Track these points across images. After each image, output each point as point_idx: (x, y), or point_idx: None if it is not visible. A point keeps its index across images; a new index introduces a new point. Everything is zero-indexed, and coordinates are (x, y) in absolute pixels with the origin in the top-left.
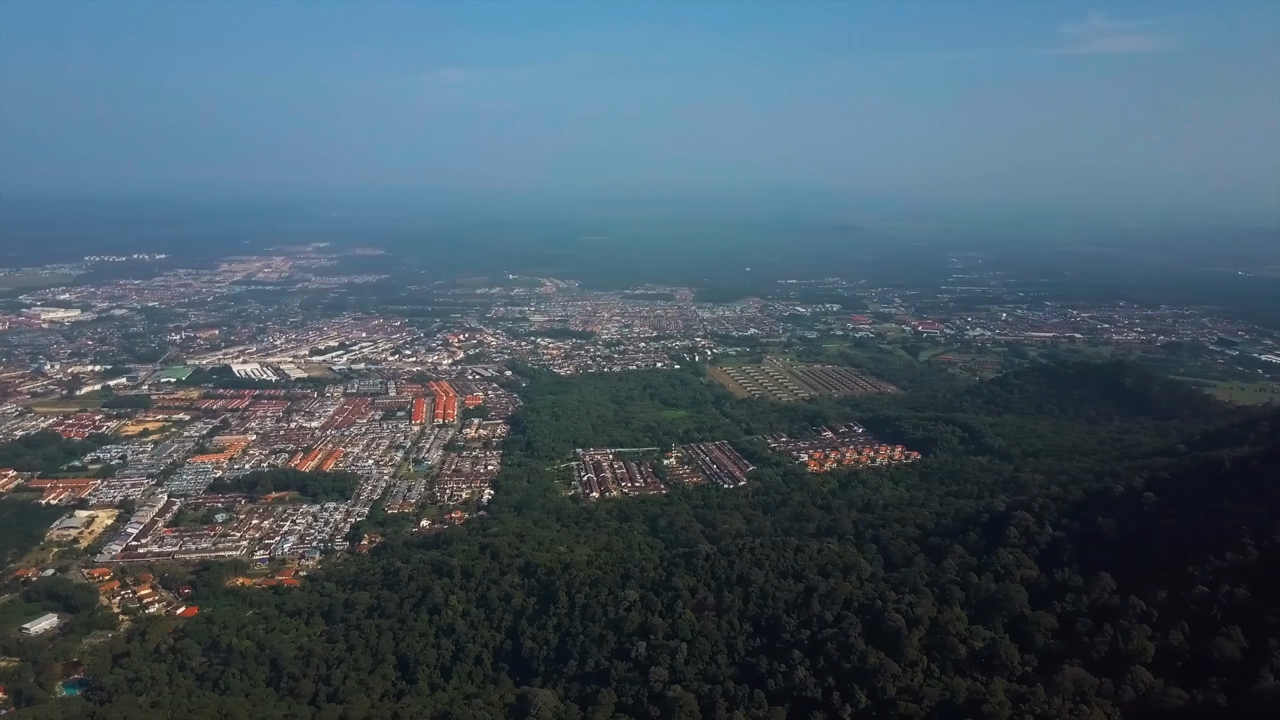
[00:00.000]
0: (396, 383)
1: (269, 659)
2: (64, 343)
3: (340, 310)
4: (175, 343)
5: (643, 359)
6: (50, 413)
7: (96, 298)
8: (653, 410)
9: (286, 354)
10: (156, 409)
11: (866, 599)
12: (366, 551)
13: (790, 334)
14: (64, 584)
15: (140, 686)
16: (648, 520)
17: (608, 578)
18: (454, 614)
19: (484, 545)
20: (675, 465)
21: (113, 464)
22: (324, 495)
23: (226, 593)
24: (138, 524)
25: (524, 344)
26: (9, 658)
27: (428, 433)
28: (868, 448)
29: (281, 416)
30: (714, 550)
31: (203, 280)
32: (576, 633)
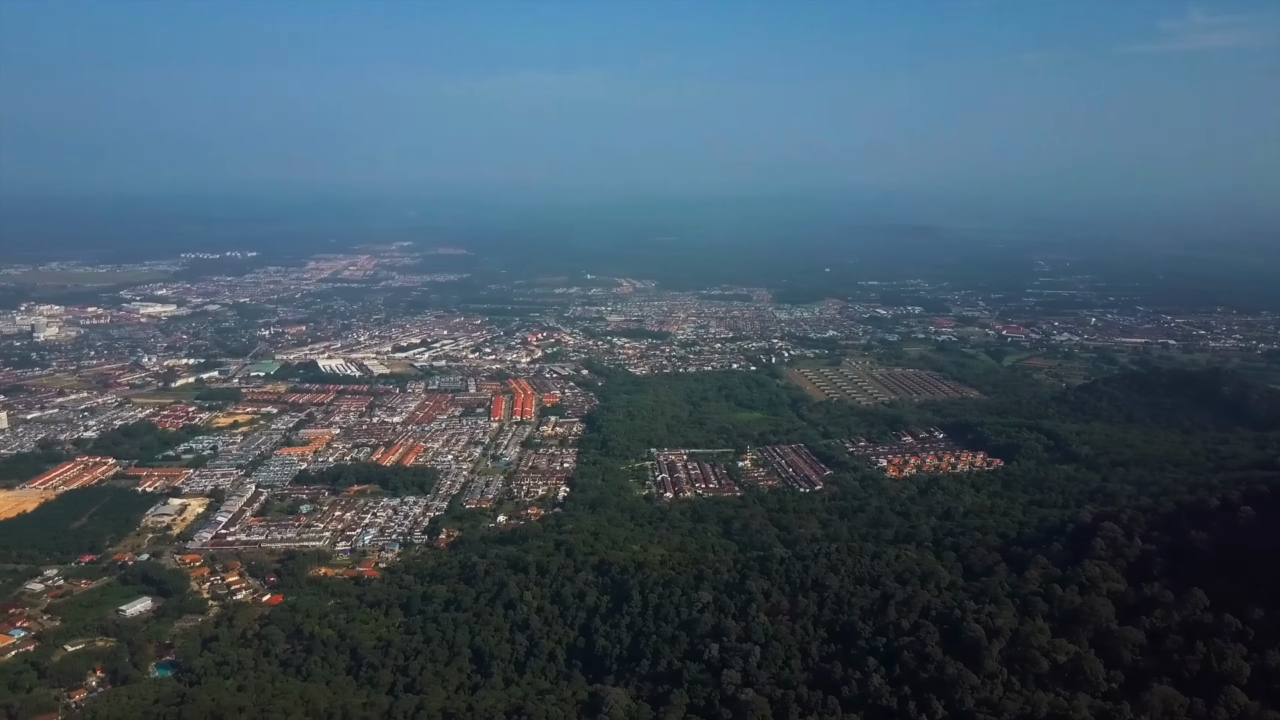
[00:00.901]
0: (476, 380)
1: (349, 648)
2: (161, 337)
3: (422, 308)
4: (264, 338)
5: (718, 360)
6: (147, 404)
7: (191, 294)
8: (728, 412)
9: (370, 350)
10: (246, 402)
11: (945, 608)
12: (444, 545)
13: (870, 336)
14: (158, 569)
15: (227, 670)
16: (722, 522)
17: (681, 578)
18: (529, 610)
19: (559, 542)
20: (750, 468)
21: (204, 454)
22: (404, 489)
23: (309, 582)
24: (227, 513)
25: (600, 343)
26: (106, 638)
27: (506, 430)
28: (948, 453)
29: (364, 411)
30: (789, 554)
31: (291, 277)
32: (649, 632)
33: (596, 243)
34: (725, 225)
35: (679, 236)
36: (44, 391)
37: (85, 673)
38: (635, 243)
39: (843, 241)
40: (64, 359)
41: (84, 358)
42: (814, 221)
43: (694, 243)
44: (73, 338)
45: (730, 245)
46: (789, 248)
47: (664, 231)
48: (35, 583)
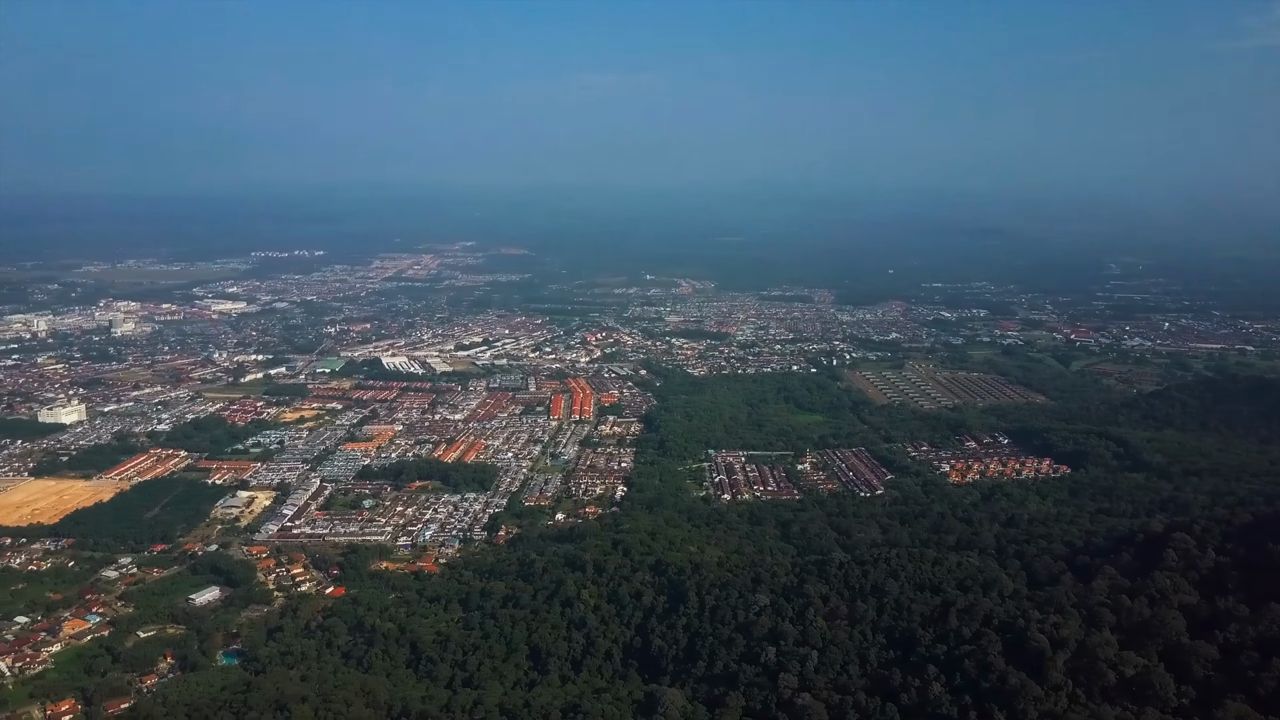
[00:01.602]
0: (536, 379)
1: (409, 642)
2: (231, 333)
3: (485, 307)
4: (330, 335)
5: (778, 361)
6: (217, 398)
7: (260, 291)
8: (787, 414)
9: (433, 348)
10: (312, 398)
11: (1008, 617)
12: (503, 542)
13: (933, 339)
14: (226, 559)
15: (291, 660)
16: (780, 525)
17: (738, 580)
18: (585, 608)
19: (616, 541)
20: (810, 471)
21: (271, 448)
22: (464, 486)
23: (371, 576)
24: (292, 506)
25: (659, 344)
26: (177, 625)
27: (565, 428)
28: (1013, 459)
29: (427, 408)
30: (848, 559)
31: (357, 276)
32: (706, 634)
33: (656, 243)
34: (786, 226)
35: (739, 237)
36: (120, 385)
37: (156, 659)
38: (695, 242)
39: (907, 243)
40: (139, 354)
41: (158, 353)
42: (876, 222)
43: (754, 243)
44: (148, 333)
45: (791, 246)
46: (851, 249)
47: (724, 232)
48: (110, 570)
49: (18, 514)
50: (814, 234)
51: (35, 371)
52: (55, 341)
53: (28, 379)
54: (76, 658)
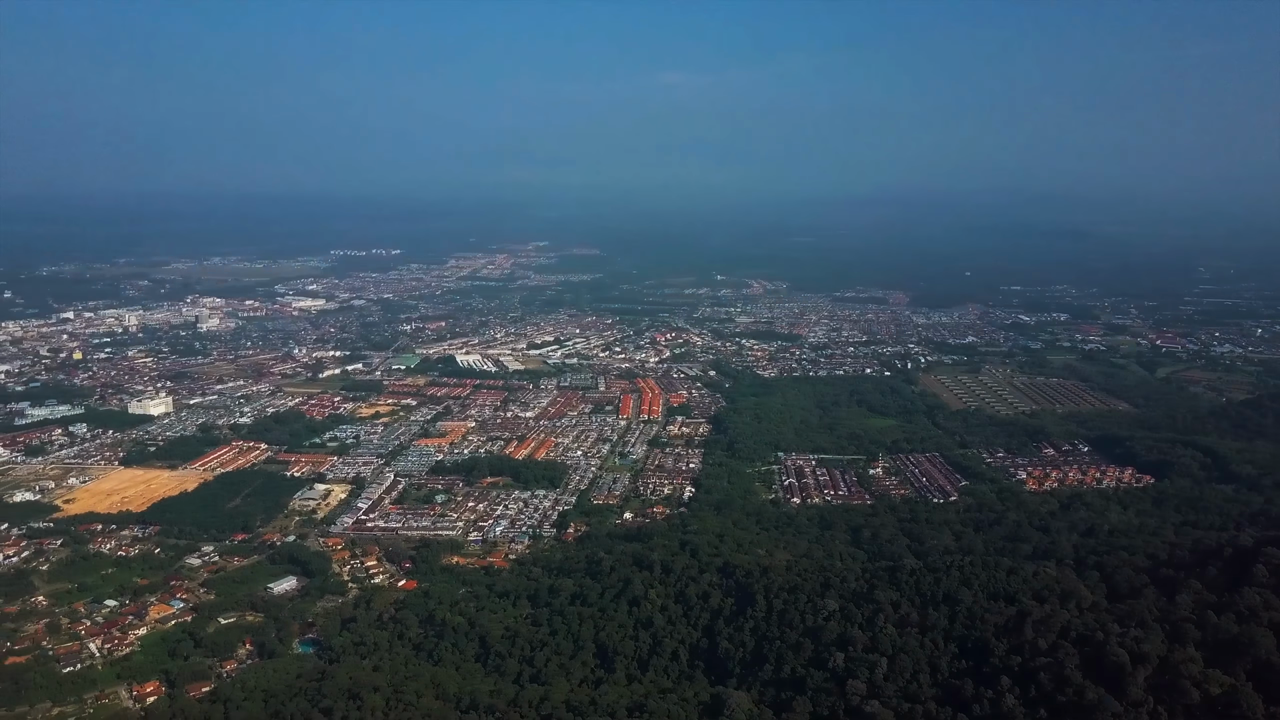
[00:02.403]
0: (606, 378)
1: (478, 636)
2: (310, 330)
3: (556, 307)
4: (406, 333)
5: (850, 364)
6: (297, 393)
7: (339, 289)
8: (859, 417)
9: (505, 347)
10: (387, 394)
11: (1086, 629)
12: (572, 540)
13: (1011, 343)
14: (303, 550)
15: (364, 650)
16: (850, 530)
17: (807, 585)
18: (653, 607)
19: (684, 542)
20: (881, 475)
21: (348, 443)
22: (534, 483)
23: (442, 570)
24: (367, 499)
25: (729, 345)
26: (255, 613)
27: (633, 428)
28: (1093, 468)
29: (499, 406)
30: (920, 565)
31: (433, 275)
32: (773, 637)
33: (728, 243)
34: (861, 227)
35: (812, 237)
36: (205, 379)
37: (236, 645)
38: (768, 243)
39: (985, 244)
40: (223, 349)
41: (241, 348)
42: (953, 224)
43: (828, 244)
44: (231, 329)
45: (866, 247)
46: (927, 250)
47: (797, 232)
48: (194, 558)
49: (108, 501)
50: (889, 235)
51: (126, 364)
52: (145, 336)
53: (119, 371)
54: (161, 641)
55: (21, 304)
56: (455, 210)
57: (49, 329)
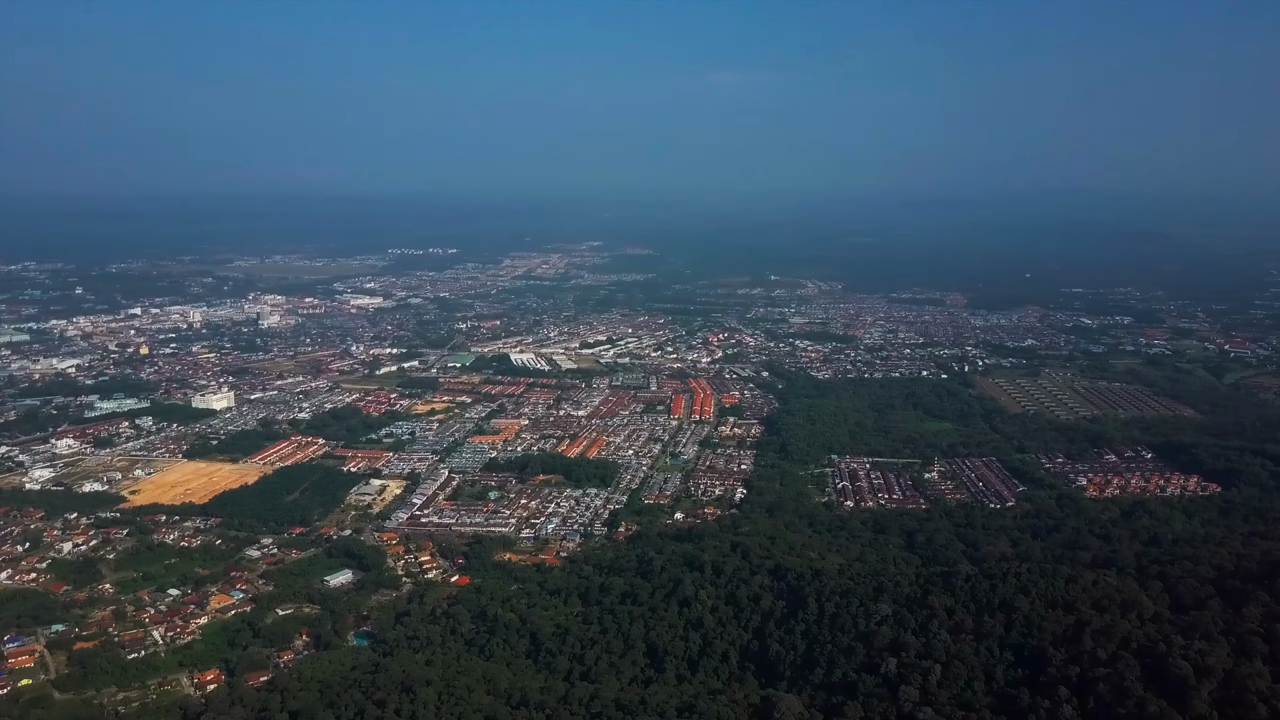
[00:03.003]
0: (658, 378)
1: (529, 632)
2: (368, 327)
3: (609, 306)
4: (461, 331)
5: (906, 366)
6: (354, 389)
7: (396, 287)
8: (915, 420)
9: (558, 346)
10: (443, 391)
11: (1148, 640)
12: (623, 539)
13: (1072, 347)
14: (358, 544)
15: (417, 644)
16: (904, 534)
17: (859, 589)
18: (703, 608)
19: (735, 543)
20: (937, 479)
21: (403, 439)
22: (586, 481)
23: (494, 566)
24: (422, 495)
25: (782, 345)
26: (312, 605)
27: (685, 428)
28: (1157, 475)
29: (551, 404)
30: (975, 571)
31: (488, 274)
32: (824, 641)
33: (783, 243)
34: (918, 227)
35: (868, 238)
36: (266, 374)
37: (293, 636)
38: (823, 244)
39: (1047, 246)
40: (283, 345)
41: (301, 344)
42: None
43: (884, 245)
44: (291, 326)
45: (923, 248)
46: (987, 252)
47: (853, 233)
48: (253, 549)
49: (172, 493)
50: (949, 236)
51: (190, 360)
52: (208, 332)
53: (183, 366)
54: (221, 630)
55: (92, 300)
56: (510, 210)
57: (117, 324)
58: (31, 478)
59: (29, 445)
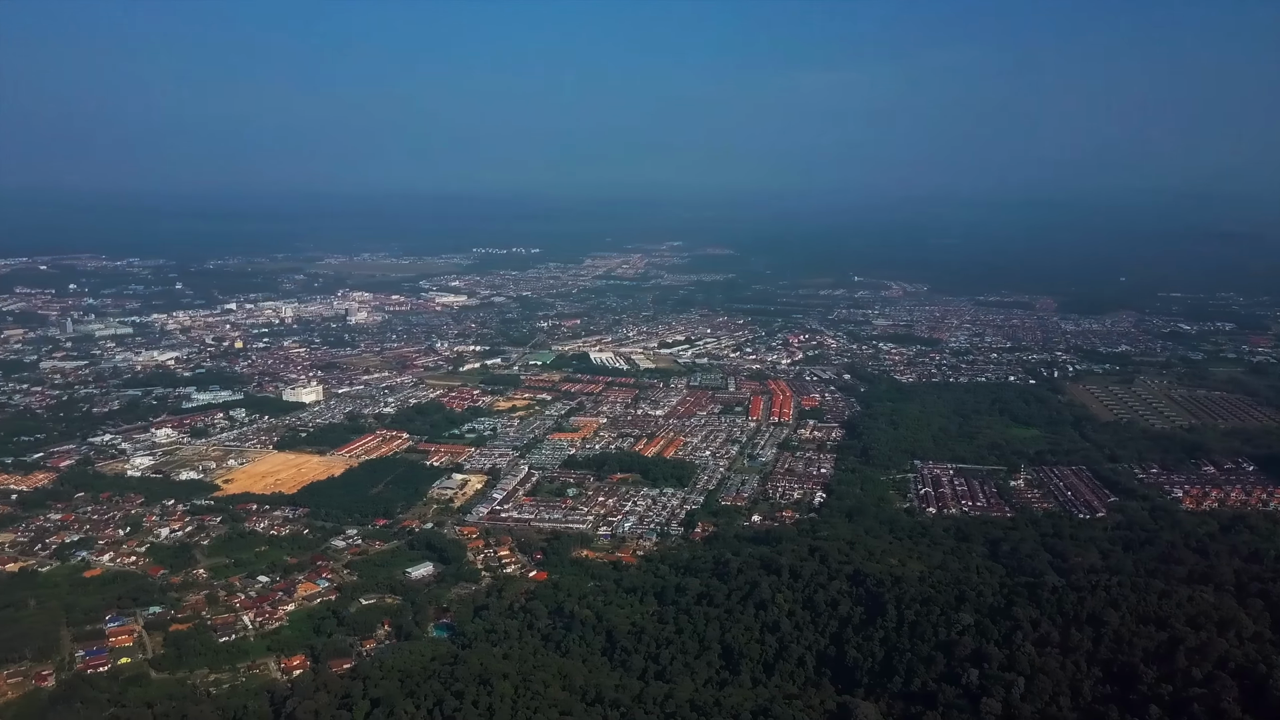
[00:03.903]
0: (736, 379)
1: (605, 630)
2: (452, 324)
3: (688, 306)
4: (542, 329)
5: (993, 371)
6: (438, 385)
7: (480, 286)
8: (1001, 426)
9: (637, 345)
10: (524, 388)
11: (1246, 661)
12: (699, 539)
13: (1169, 353)
14: (439, 537)
15: (495, 638)
16: (988, 543)
17: (941, 597)
18: (780, 612)
19: (813, 548)
20: (1023, 488)
21: (485, 435)
22: (663, 481)
23: (572, 562)
24: (502, 490)
25: (864, 348)
26: (394, 596)
27: (763, 430)
28: (1259, 488)
29: (630, 403)
30: (1062, 583)
31: (569, 273)
32: (904, 649)
33: (866, 244)
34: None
35: (954, 239)
36: (353, 369)
37: (375, 625)
38: (907, 245)
39: (1143, 249)
40: (370, 341)
41: (387, 341)
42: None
43: (970, 246)
44: (378, 322)
45: (1011, 250)
46: (1079, 254)
47: (938, 234)
48: (339, 540)
49: (263, 483)
50: (1036, 238)
51: (282, 354)
52: (299, 327)
53: (275, 360)
54: (307, 618)
55: (190, 295)
56: (591, 211)
57: (214, 319)
58: (133, 465)
59: (131, 434)
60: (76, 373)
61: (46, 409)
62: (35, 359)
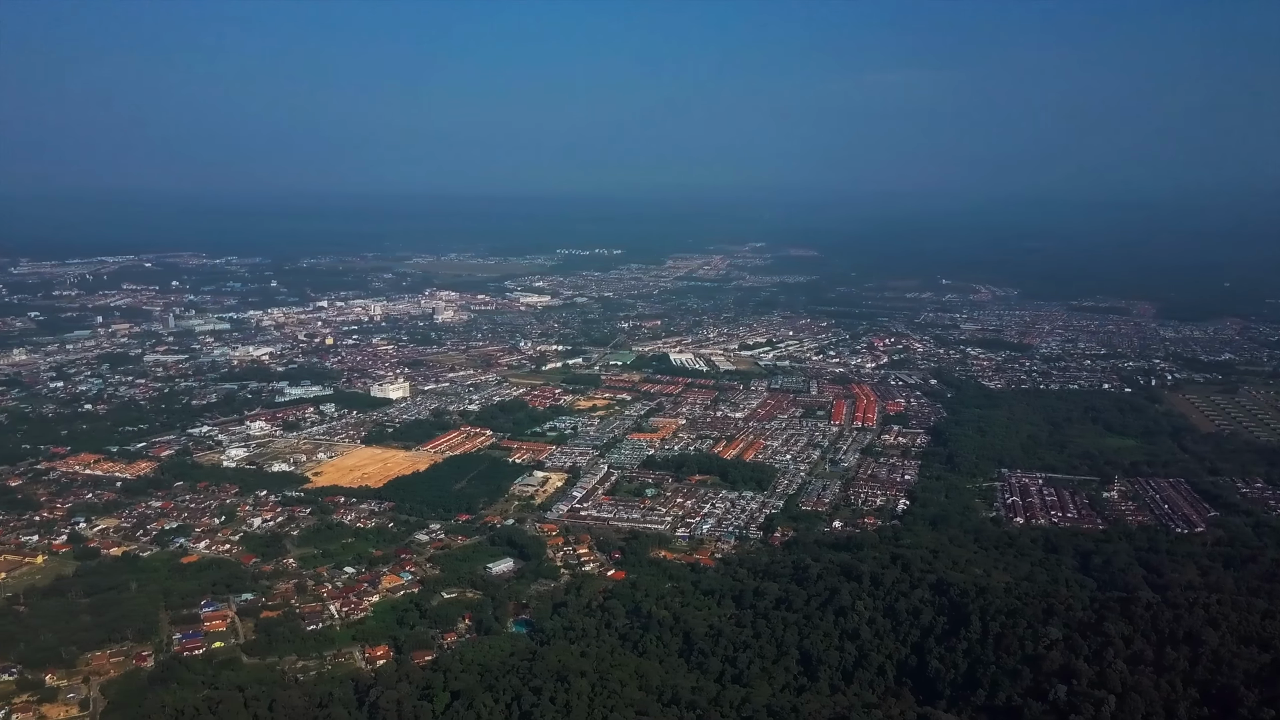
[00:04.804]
0: (818, 382)
1: (682, 631)
2: (535, 324)
3: (770, 308)
4: (623, 330)
5: (1086, 378)
6: (521, 383)
7: (563, 286)
8: (1094, 436)
9: (717, 347)
10: (604, 388)
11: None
12: (778, 544)
13: (1278, 362)
14: (520, 534)
15: (573, 635)
16: (1079, 556)
17: (1028, 610)
18: (860, 619)
19: (895, 555)
20: (1117, 500)
21: (565, 433)
22: (742, 484)
23: (650, 563)
24: (581, 489)
25: (952, 352)
26: (475, 591)
27: (845, 434)
28: None
29: (709, 405)
30: (1157, 600)
31: (650, 274)
32: (988, 662)
33: (953, 246)
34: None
35: (1045, 242)
36: (439, 367)
37: (456, 619)
38: (996, 247)
39: (1249, 252)
40: (456, 339)
41: (472, 339)
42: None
43: (1062, 249)
44: (464, 321)
45: (1105, 253)
46: (1179, 258)
47: (1028, 236)
48: (422, 534)
49: (350, 476)
50: (1131, 240)
51: (370, 351)
52: (387, 325)
53: (364, 357)
54: (391, 609)
55: (284, 293)
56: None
57: (306, 316)
58: (228, 456)
59: (227, 426)
60: (177, 366)
61: (149, 400)
62: (140, 352)
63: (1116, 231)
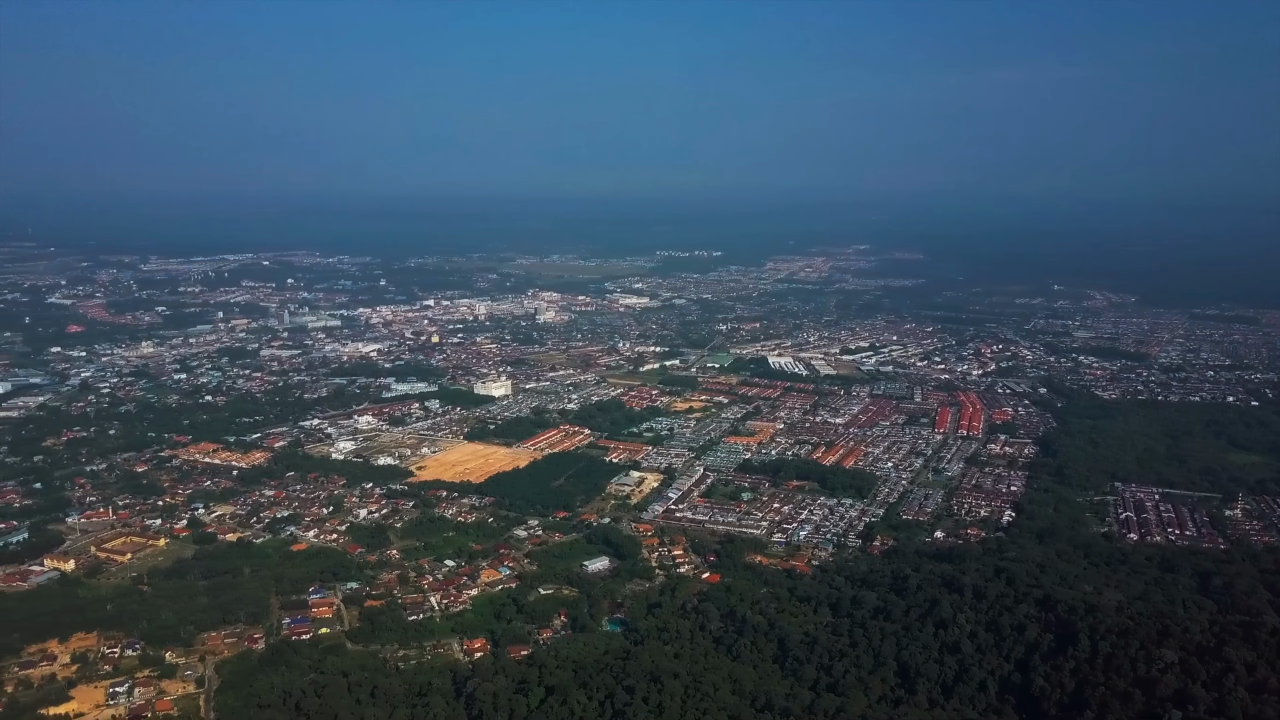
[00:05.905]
0: (922, 389)
1: (777, 637)
2: (634, 325)
3: (873, 312)
4: (721, 332)
5: (1209, 390)
6: (618, 384)
7: (662, 288)
8: (1217, 451)
9: (818, 350)
10: (701, 390)
11: None
12: (877, 553)
13: None
14: (616, 533)
15: (667, 636)
16: (1197, 576)
17: (1141, 630)
18: (961, 632)
19: (1000, 568)
20: (1240, 518)
21: (662, 434)
22: (841, 490)
23: (745, 567)
24: (677, 490)
25: (1063, 361)
26: (571, 588)
27: (950, 443)
28: None
29: (808, 409)
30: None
31: (750, 276)
32: (1097, 683)
33: (1064, 251)
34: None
35: (1160, 247)
36: (539, 366)
37: (552, 615)
38: (1108, 252)
39: None
40: (557, 339)
41: (572, 339)
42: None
43: (1179, 254)
44: (565, 321)
45: (1228, 258)
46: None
47: (1143, 241)
48: (520, 530)
49: (453, 471)
50: (1259, 246)
51: (474, 349)
52: (491, 324)
53: (468, 355)
54: (489, 603)
55: (393, 291)
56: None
57: (413, 314)
58: (337, 449)
59: (336, 420)
60: (291, 361)
61: (264, 393)
62: (256, 347)
63: (1231, 235)
